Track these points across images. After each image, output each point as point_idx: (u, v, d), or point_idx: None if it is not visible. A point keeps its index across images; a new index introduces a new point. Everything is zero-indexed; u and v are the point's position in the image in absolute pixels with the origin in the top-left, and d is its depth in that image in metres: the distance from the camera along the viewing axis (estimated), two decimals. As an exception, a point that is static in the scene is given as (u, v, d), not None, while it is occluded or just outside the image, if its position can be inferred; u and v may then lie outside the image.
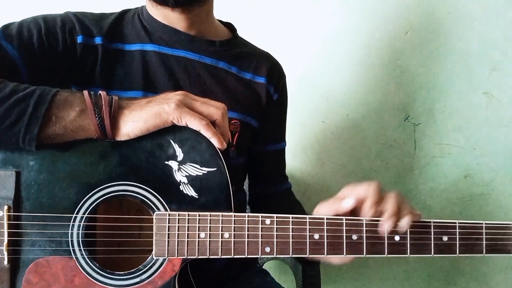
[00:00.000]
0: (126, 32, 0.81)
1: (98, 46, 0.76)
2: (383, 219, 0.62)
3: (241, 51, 0.89)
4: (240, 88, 0.85)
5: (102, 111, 0.60)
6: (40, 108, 0.58)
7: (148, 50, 0.79)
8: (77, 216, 0.62)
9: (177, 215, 0.62)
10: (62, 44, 0.73)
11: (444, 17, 1.31)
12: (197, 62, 0.82)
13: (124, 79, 0.77)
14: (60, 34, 0.73)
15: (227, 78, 0.84)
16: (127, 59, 0.78)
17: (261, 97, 0.88)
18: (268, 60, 0.92)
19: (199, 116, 0.62)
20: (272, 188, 0.96)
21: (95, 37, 0.76)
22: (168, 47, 0.80)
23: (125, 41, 0.80)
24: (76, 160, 0.62)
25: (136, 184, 0.63)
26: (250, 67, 0.88)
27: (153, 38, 0.80)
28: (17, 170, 0.61)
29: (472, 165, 1.36)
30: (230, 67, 0.85)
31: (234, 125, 0.82)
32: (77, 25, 0.75)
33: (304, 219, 0.63)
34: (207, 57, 0.83)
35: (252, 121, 0.87)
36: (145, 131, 0.61)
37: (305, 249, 0.63)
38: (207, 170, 0.63)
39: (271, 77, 0.89)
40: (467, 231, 0.64)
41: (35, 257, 0.62)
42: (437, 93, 1.33)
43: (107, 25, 0.79)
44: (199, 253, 0.62)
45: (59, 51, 0.73)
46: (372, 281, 1.42)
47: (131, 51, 0.79)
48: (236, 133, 0.83)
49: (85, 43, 0.75)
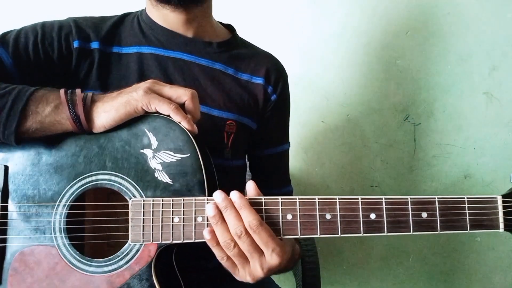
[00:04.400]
0: (124, 35, 0.81)
1: (94, 50, 0.77)
2: None
3: (239, 52, 0.88)
4: (237, 89, 0.85)
5: (76, 106, 0.63)
6: (18, 104, 0.62)
7: (144, 53, 0.80)
8: (59, 205, 0.65)
9: (152, 201, 0.64)
10: (57, 51, 0.75)
11: (444, 17, 1.31)
12: (193, 64, 0.82)
13: (120, 82, 0.77)
14: (56, 39, 0.75)
15: (224, 79, 0.84)
16: (123, 61, 0.79)
17: (258, 98, 0.87)
18: (268, 60, 0.91)
19: (167, 100, 0.64)
20: (272, 190, 0.94)
21: (92, 42, 0.77)
22: (164, 49, 0.81)
23: (123, 44, 0.81)
24: (58, 153, 0.66)
25: (113, 173, 0.65)
26: (248, 68, 0.87)
27: (150, 40, 0.81)
28: (5, 164, 0.66)
29: (472, 165, 1.36)
30: (226, 68, 0.85)
31: (230, 126, 0.82)
32: (74, 30, 0.77)
33: (277, 200, 0.63)
34: (203, 58, 0.83)
35: (250, 122, 0.86)
36: (118, 120, 0.64)
37: (278, 229, 0.62)
38: (180, 156, 0.65)
39: (269, 77, 0.88)
40: (448, 206, 0.60)
41: (21, 246, 0.65)
42: (437, 93, 1.33)
43: (106, 29, 0.80)
44: (174, 237, 0.63)
45: (54, 58, 0.74)
46: (372, 281, 1.42)
47: (128, 54, 0.80)
48: (231, 134, 0.82)
49: (81, 47, 0.76)
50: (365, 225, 0.61)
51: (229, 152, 0.82)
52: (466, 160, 1.36)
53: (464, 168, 1.37)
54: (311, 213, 0.62)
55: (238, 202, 0.61)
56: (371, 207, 0.61)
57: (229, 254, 0.62)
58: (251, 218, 0.60)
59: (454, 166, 1.36)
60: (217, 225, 0.61)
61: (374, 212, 0.61)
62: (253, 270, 0.62)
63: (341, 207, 0.62)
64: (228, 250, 0.61)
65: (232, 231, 0.61)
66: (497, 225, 0.61)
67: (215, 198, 0.62)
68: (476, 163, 1.36)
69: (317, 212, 0.62)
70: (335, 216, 0.62)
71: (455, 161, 1.36)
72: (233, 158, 0.83)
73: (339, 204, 0.62)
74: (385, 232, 0.61)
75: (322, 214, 0.62)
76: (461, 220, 0.60)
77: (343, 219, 0.62)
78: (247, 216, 0.60)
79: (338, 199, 0.62)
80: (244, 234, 0.60)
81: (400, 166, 1.36)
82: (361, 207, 0.62)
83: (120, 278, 0.64)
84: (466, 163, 1.36)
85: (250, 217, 0.60)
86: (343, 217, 0.61)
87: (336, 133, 1.34)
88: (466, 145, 1.36)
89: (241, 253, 0.62)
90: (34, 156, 0.66)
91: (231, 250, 0.61)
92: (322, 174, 1.36)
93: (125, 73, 0.78)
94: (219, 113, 0.81)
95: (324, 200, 0.62)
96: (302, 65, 1.30)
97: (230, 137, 0.82)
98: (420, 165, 1.36)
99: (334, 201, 0.62)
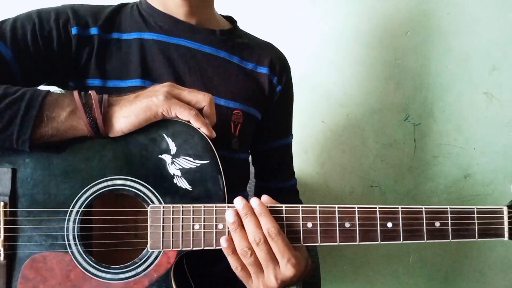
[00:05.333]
0: (123, 22, 0.79)
1: (94, 36, 0.74)
2: None
3: (242, 41, 0.87)
4: (242, 78, 0.83)
5: (93, 110, 0.60)
6: (31, 111, 0.59)
7: (146, 39, 0.78)
8: (72, 210, 0.63)
9: (171, 207, 0.63)
10: (57, 40, 0.72)
11: (444, 17, 1.31)
12: (197, 51, 0.80)
13: (121, 68, 0.75)
14: (54, 28, 0.72)
15: (228, 68, 0.82)
16: (124, 47, 0.76)
17: (264, 88, 0.85)
18: (272, 50, 0.90)
19: (188, 106, 0.63)
20: (277, 184, 0.94)
21: (91, 28, 0.75)
22: (167, 35, 0.78)
23: (123, 30, 0.78)
24: (70, 156, 0.63)
25: (130, 178, 0.63)
26: (252, 57, 0.85)
27: (152, 27, 0.79)
28: (13, 167, 0.62)
29: (472, 165, 1.36)
30: (231, 57, 0.83)
31: (237, 115, 0.80)
32: (72, 16, 0.74)
33: (297, 208, 0.63)
34: (208, 46, 0.81)
35: (256, 112, 0.84)
36: (137, 126, 0.62)
37: (298, 237, 0.63)
38: (200, 162, 0.64)
39: (274, 68, 0.87)
40: (459, 216, 0.65)
41: (31, 253, 0.62)
42: (437, 93, 1.34)
43: (105, 15, 0.77)
44: (194, 244, 0.63)
45: (54, 47, 0.72)
46: (372, 281, 1.42)
47: (129, 39, 0.77)
48: (238, 124, 0.80)
49: (80, 34, 0.73)
50: (382, 234, 0.64)
51: (236, 143, 0.79)
52: (466, 160, 1.36)
53: (464, 168, 1.37)
54: (331, 222, 0.63)
55: (258, 209, 0.61)
56: (388, 216, 0.63)
57: (245, 262, 0.62)
58: (270, 225, 0.60)
59: (454, 166, 1.36)
60: (235, 232, 0.61)
61: (391, 221, 0.63)
62: (267, 280, 0.62)
63: (360, 216, 0.63)
64: (245, 258, 0.61)
65: (251, 238, 0.61)
66: (502, 234, 0.65)
67: (236, 205, 0.62)
68: (476, 163, 1.36)
69: (336, 220, 0.63)
70: (353, 224, 0.63)
71: (455, 161, 1.36)
72: (240, 150, 0.82)
73: (358, 213, 0.63)
74: (400, 240, 0.64)
75: (341, 223, 0.63)
76: (470, 229, 0.65)
77: (362, 228, 0.63)
78: (266, 223, 0.61)
79: (357, 208, 0.64)
80: (263, 241, 0.60)
81: (400, 166, 1.36)
82: (378, 216, 0.63)
83: (138, 285, 0.63)
84: (466, 163, 1.36)
85: (269, 224, 0.60)
86: (362, 226, 0.63)
87: (336, 133, 1.34)
88: (466, 145, 1.36)
89: (257, 262, 0.61)
90: (45, 159, 0.63)
91: (247, 258, 0.61)
92: (322, 174, 1.36)
93: (126, 60, 0.76)
94: (225, 102, 0.79)
95: (344, 209, 0.63)
96: (302, 65, 1.30)
97: (237, 127, 0.80)
98: (420, 165, 1.36)
99: (353, 210, 0.63)
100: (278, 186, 0.94)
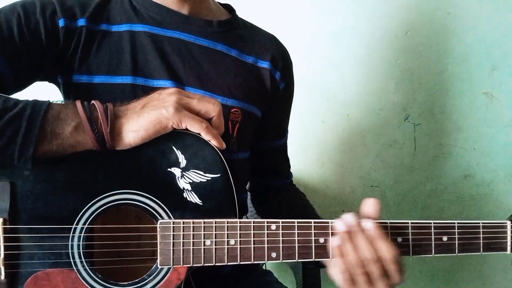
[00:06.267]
0: (113, 13, 0.73)
1: (81, 28, 0.69)
2: None
3: (242, 32, 0.81)
4: (242, 73, 0.78)
5: (99, 124, 0.57)
6: (33, 128, 0.55)
7: (137, 31, 0.72)
8: (77, 227, 0.59)
9: (182, 223, 0.60)
10: (44, 33, 0.67)
11: (444, 17, 1.31)
12: (192, 44, 0.74)
13: (109, 63, 0.70)
14: (41, 20, 0.66)
15: (226, 62, 0.77)
16: (113, 40, 0.71)
17: (265, 84, 0.80)
18: (273, 43, 0.85)
19: (199, 119, 0.60)
20: (277, 182, 0.92)
21: (78, 19, 0.69)
22: (160, 27, 0.73)
23: (112, 22, 0.72)
24: (73, 168, 0.59)
25: (138, 192, 0.60)
26: (252, 51, 0.80)
27: (143, 18, 0.73)
28: (11, 181, 0.58)
29: (472, 165, 1.37)
30: (229, 50, 0.77)
31: (235, 114, 0.75)
32: (58, 7, 0.68)
33: (309, 223, 0.62)
34: (204, 38, 0.75)
35: (255, 110, 0.79)
36: (146, 139, 0.59)
37: (310, 253, 0.62)
38: (211, 176, 0.61)
39: (277, 62, 0.81)
40: (465, 231, 0.66)
41: (33, 270, 0.59)
42: (437, 93, 1.34)
43: (93, 6, 0.72)
44: (205, 260, 0.61)
45: (43, 42, 0.67)
46: (372, 281, 1.42)
47: (118, 32, 0.72)
48: (237, 123, 0.75)
49: (68, 26, 0.68)
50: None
51: (234, 144, 0.75)
52: (466, 160, 1.36)
53: (464, 168, 1.37)
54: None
55: (373, 233, 0.60)
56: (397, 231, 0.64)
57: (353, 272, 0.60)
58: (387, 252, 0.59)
59: (454, 166, 1.36)
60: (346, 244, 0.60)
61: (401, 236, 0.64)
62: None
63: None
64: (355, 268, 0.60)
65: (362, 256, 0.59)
66: (505, 247, 0.68)
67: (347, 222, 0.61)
68: (476, 163, 1.36)
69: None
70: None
71: (455, 161, 1.36)
72: (239, 150, 0.77)
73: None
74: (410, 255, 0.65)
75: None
76: (476, 243, 0.66)
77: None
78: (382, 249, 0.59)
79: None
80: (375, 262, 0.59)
81: (400, 166, 1.36)
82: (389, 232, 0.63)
83: None
84: (466, 163, 1.36)
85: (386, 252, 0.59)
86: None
87: (336, 133, 1.34)
88: (466, 145, 1.36)
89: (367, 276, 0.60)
90: (46, 172, 0.58)
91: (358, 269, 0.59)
92: (322, 174, 1.36)
93: (115, 53, 0.71)
94: (223, 99, 0.74)
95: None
96: (302, 65, 1.30)
97: (235, 127, 0.75)
98: (420, 165, 1.36)
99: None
100: (279, 184, 0.93)
